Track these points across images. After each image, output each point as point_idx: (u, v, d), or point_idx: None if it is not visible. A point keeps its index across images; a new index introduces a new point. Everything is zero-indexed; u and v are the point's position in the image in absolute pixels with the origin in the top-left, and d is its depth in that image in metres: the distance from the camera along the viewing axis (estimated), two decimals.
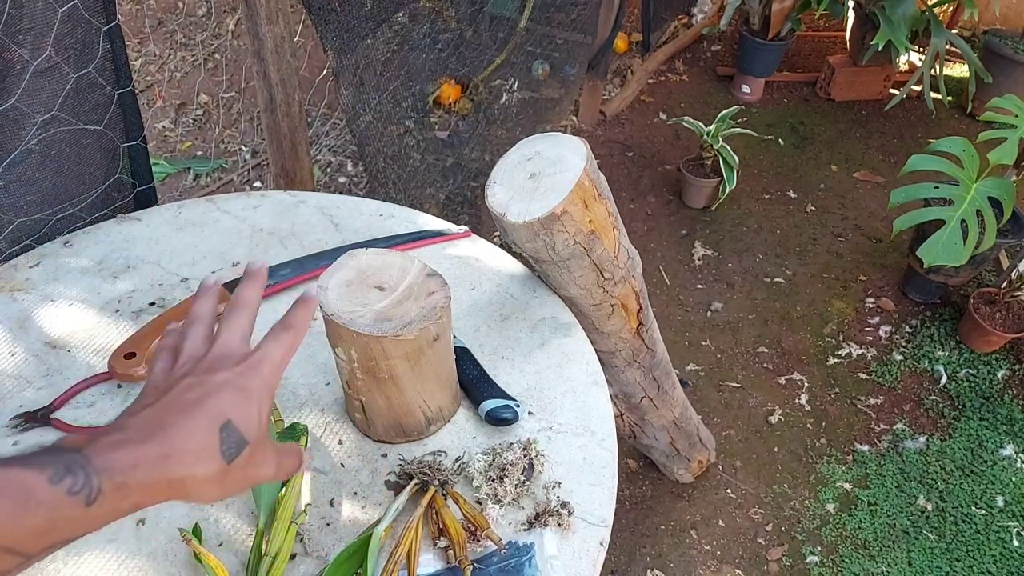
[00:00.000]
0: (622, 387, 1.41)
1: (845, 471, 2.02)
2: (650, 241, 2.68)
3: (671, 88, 3.44)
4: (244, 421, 0.52)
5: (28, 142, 1.04)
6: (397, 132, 2.49)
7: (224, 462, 0.50)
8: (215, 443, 0.50)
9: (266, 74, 1.49)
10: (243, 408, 0.52)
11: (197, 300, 0.63)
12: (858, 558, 1.84)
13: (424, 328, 0.75)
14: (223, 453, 0.50)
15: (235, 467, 0.51)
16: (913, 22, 2.80)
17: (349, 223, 1.18)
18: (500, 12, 2.55)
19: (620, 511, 1.91)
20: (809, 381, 2.25)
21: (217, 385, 0.53)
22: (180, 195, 2.62)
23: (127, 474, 0.47)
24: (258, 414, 0.53)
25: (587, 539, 0.80)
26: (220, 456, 0.50)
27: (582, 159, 0.93)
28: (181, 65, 3.20)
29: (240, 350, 0.57)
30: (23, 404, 0.90)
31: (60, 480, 0.45)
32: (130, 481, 0.47)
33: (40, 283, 1.05)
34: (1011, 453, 2.06)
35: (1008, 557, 1.85)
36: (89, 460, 0.46)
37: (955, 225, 2.00)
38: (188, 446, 0.49)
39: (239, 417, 0.52)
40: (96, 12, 1.04)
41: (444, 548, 0.78)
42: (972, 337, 2.31)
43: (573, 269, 1.01)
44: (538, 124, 2.72)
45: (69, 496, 0.45)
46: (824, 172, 3.03)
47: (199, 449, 0.49)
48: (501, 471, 0.83)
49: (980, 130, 2.11)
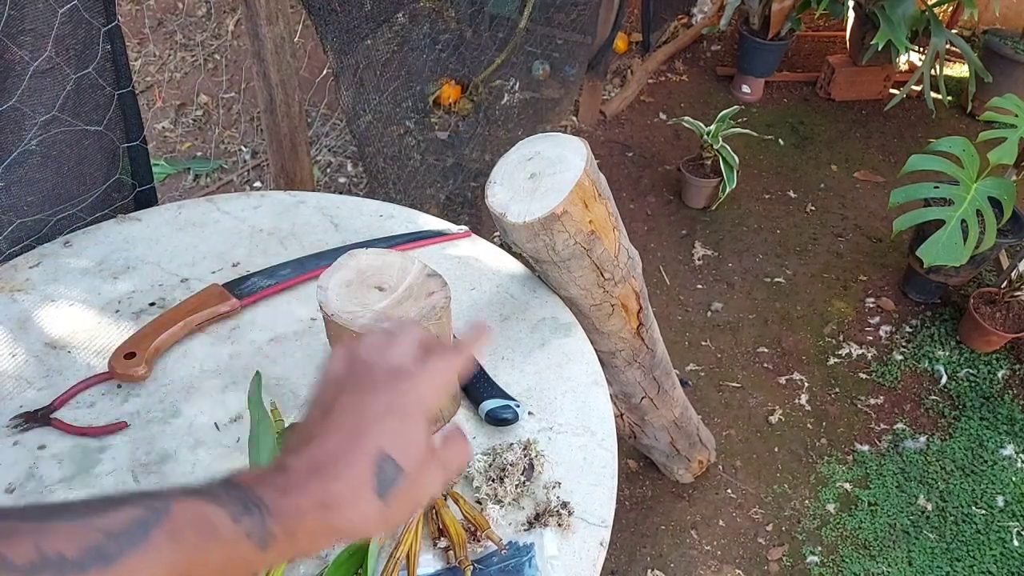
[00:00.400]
0: (622, 387, 1.41)
1: (845, 471, 2.02)
2: (650, 241, 2.68)
3: (671, 88, 3.44)
4: (402, 450, 0.49)
5: (28, 143, 1.04)
6: (397, 132, 2.49)
7: (379, 499, 0.48)
8: (371, 482, 0.48)
9: (266, 74, 1.49)
10: (401, 436, 0.50)
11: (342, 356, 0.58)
12: (858, 558, 1.84)
13: (424, 328, 0.75)
14: (376, 490, 0.48)
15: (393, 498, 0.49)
16: (913, 22, 2.80)
17: (349, 223, 1.18)
18: (500, 12, 2.55)
19: (620, 511, 1.91)
20: (809, 381, 2.25)
21: (374, 414, 0.50)
22: (180, 195, 2.62)
23: (294, 520, 0.45)
24: (416, 436, 0.50)
25: (587, 539, 0.80)
26: (375, 496, 0.48)
27: (582, 159, 0.93)
28: (181, 65, 3.20)
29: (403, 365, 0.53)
30: (23, 404, 0.90)
31: (239, 520, 0.43)
32: (297, 527, 0.45)
33: (40, 283, 1.05)
34: (1011, 453, 2.06)
35: (1008, 557, 1.85)
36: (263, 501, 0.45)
37: (955, 225, 2.00)
38: (344, 490, 0.47)
39: (397, 447, 0.49)
40: (96, 13, 1.04)
41: (444, 548, 0.78)
42: (972, 337, 2.31)
43: (573, 269, 1.01)
44: (538, 124, 2.72)
45: (248, 538, 0.43)
46: (824, 172, 3.03)
47: (353, 492, 0.47)
48: (501, 471, 0.83)
49: (980, 130, 2.11)
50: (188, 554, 0.41)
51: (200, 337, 0.99)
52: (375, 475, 0.48)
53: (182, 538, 0.41)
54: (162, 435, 0.88)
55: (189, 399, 0.92)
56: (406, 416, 0.50)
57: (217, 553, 0.42)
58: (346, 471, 0.47)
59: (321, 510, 0.46)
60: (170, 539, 0.41)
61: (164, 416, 0.90)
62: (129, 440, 0.87)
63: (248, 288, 1.04)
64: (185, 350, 0.97)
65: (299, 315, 1.03)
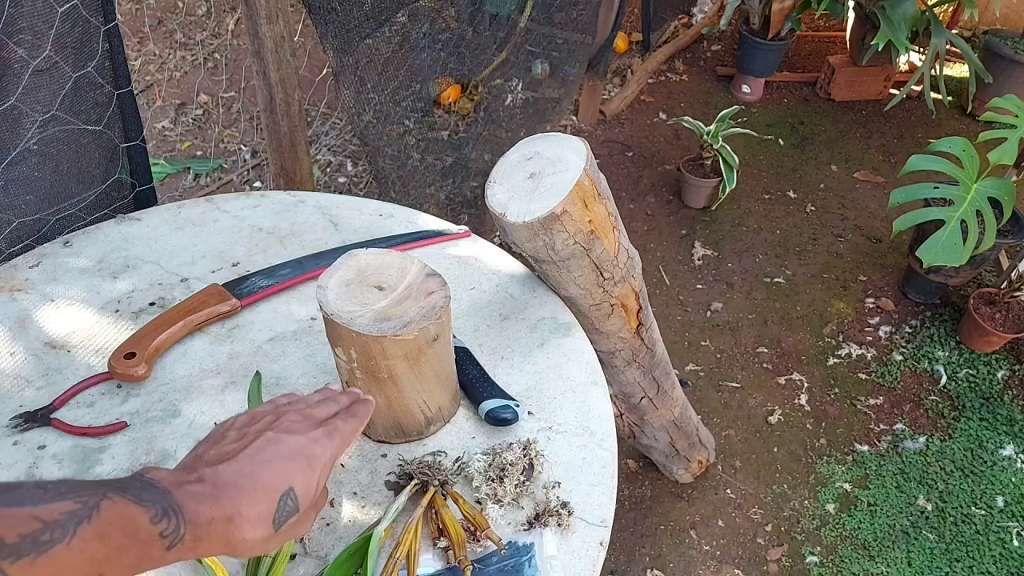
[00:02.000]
0: (622, 387, 1.40)
1: (845, 471, 2.02)
2: (650, 241, 2.68)
3: (671, 88, 3.44)
4: (303, 489, 0.55)
5: (27, 142, 1.04)
6: (397, 132, 2.49)
7: (272, 529, 0.53)
8: (272, 511, 0.53)
9: (266, 74, 1.49)
10: (307, 477, 0.56)
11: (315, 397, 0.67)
12: (858, 558, 1.84)
13: (423, 328, 0.75)
14: (274, 521, 0.53)
15: (282, 531, 0.54)
16: (913, 22, 2.80)
17: (349, 223, 1.18)
18: (500, 12, 2.55)
19: (620, 511, 1.91)
20: (809, 381, 2.25)
21: (291, 450, 0.56)
22: (180, 195, 2.62)
23: (202, 528, 0.49)
24: (316, 485, 0.57)
25: (587, 539, 0.80)
26: (271, 524, 0.53)
27: (582, 159, 0.93)
28: (181, 65, 3.20)
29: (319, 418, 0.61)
30: (23, 404, 0.89)
31: (158, 521, 0.46)
32: (203, 535, 0.49)
33: (40, 283, 1.05)
34: (1011, 453, 2.06)
35: (1008, 557, 1.85)
36: (181, 507, 0.48)
37: (955, 225, 2.00)
38: (251, 513, 0.51)
39: (300, 485, 0.55)
40: (95, 11, 1.04)
41: (444, 548, 0.78)
42: (972, 337, 2.31)
43: (573, 269, 1.01)
44: (538, 124, 2.72)
45: (160, 538, 0.46)
46: (824, 172, 3.03)
47: (258, 517, 0.52)
48: (501, 471, 0.83)
49: (980, 130, 2.11)
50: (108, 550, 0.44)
51: (200, 337, 0.99)
52: (278, 506, 0.53)
53: (106, 535, 0.44)
54: (162, 435, 0.88)
55: (189, 399, 0.92)
56: (315, 463, 0.57)
57: (132, 551, 0.46)
58: (257, 497, 0.53)
59: (225, 524, 0.50)
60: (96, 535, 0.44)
61: (164, 416, 0.90)
62: (129, 440, 0.87)
63: (248, 288, 1.04)
64: (185, 350, 0.97)
65: (299, 315, 1.03)
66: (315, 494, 0.57)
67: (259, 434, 0.56)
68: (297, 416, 0.60)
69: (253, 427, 0.58)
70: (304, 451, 0.56)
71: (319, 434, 0.58)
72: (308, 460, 0.56)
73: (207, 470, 0.52)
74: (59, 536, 0.42)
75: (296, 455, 0.55)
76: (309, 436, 0.57)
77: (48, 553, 0.42)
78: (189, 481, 0.51)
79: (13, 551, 0.41)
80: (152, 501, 0.47)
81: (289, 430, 0.57)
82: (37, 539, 0.42)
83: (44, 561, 0.42)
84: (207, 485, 0.51)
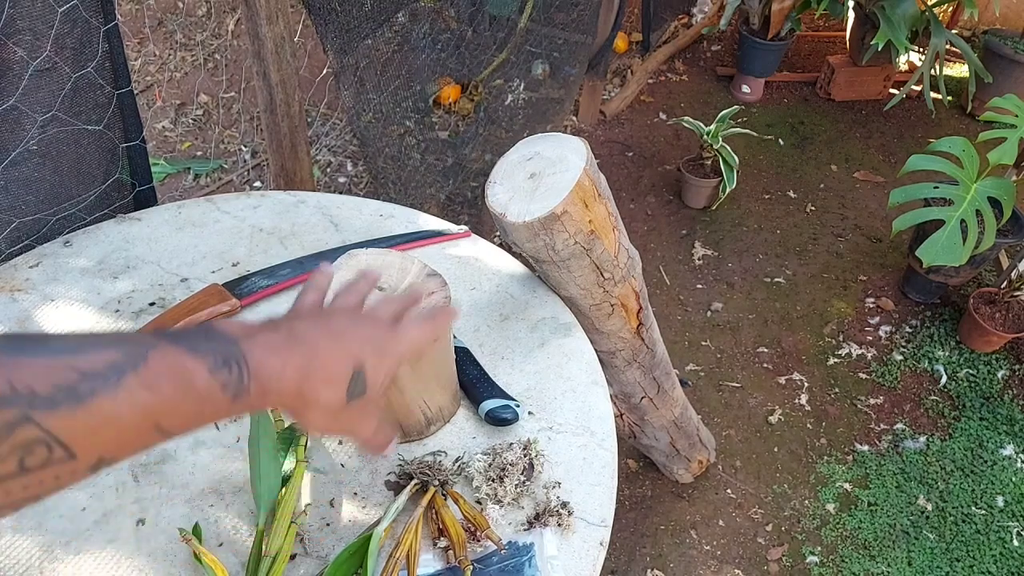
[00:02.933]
0: (622, 387, 1.41)
1: (845, 471, 2.02)
2: (650, 241, 2.68)
3: (671, 88, 3.44)
4: (372, 374, 0.55)
5: (28, 142, 1.04)
6: (397, 132, 2.49)
7: (346, 398, 0.52)
8: (346, 378, 0.52)
9: (266, 74, 1.49)
10: (376, 364, 0.55)
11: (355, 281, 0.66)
12: (858, 558, 1.84)
13: None
14: (349, 390, 0.52)
15: (350, 408, 0.53)
16: (913, 22, 2.80)
17: (349, 223, 1.18)
18: (500, 12, 2.55)
19: (620, 511, 1.91)
20: (809, 381, 2.25)
21: (362, 336, 0.55)
22: (180, 195, 2.62)
23: (273, 380, 0.48)
24: (384, 375, 0.56)
25: (587, 539, 0.80)
26: (345, 391, 0.52)
27: (582, 159, 0.93)
28: (181, 65, 3.20)
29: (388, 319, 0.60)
30: None
31: (218, 371, 0.45)
32: (272, 386, 0.48)
33: (40, 283, 1.05)
34: (1011, 453, 2.06)
35: (1008, 557, 1.85)
36: (245, 357, 0.47)
37: (955, 225, 2.00)
38: (327, 370, 0.51)
39: (371, 368, 0.54)
40: (94, 12, 1.04)
41: (444, 548, 0.78)
42: (972, 337, 2.31)
43: (573, 269, 1.01)
44: (538, 124, 2.72)
45: (222, 390, 0.45)
46: (824, 172, 3.03)
47: (332, 376, 0.51)
48: (501, 471, 0.83)
49: (980, 130, 2.11)
50: (160, 401, 0.43)
51: None
52: (352, 376, 0.53)
53: (156, 386, 0.42)
54: None
55: None
56: (384, 352, 0.56)
57: (189, 402, 0.44)
58: (336, 351, 0.52)
59: (300, 378, 0.49)
60: (144, 386, 0.42)
61: None
62: None
63: (248, 288, 1.04)
64: None
65: None
66: (380, 387, 0.56)
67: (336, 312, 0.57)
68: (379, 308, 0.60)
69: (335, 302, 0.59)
70: (378, 339, 0.56)
71: (390, 333, 0.58)
72: (379, 349, 0.56)
73: (285, 323, 0.52)
74: (100, 386, 0.40)
75: (368, 341, 0.55)
76: (385, 328, 0.57)
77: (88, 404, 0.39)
78: (263, 331, 0.49)
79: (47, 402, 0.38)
80: (212, 351, 0.45)
81: (362, 321, 0.57)
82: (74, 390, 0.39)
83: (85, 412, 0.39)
84: (282, 335, 0.50)
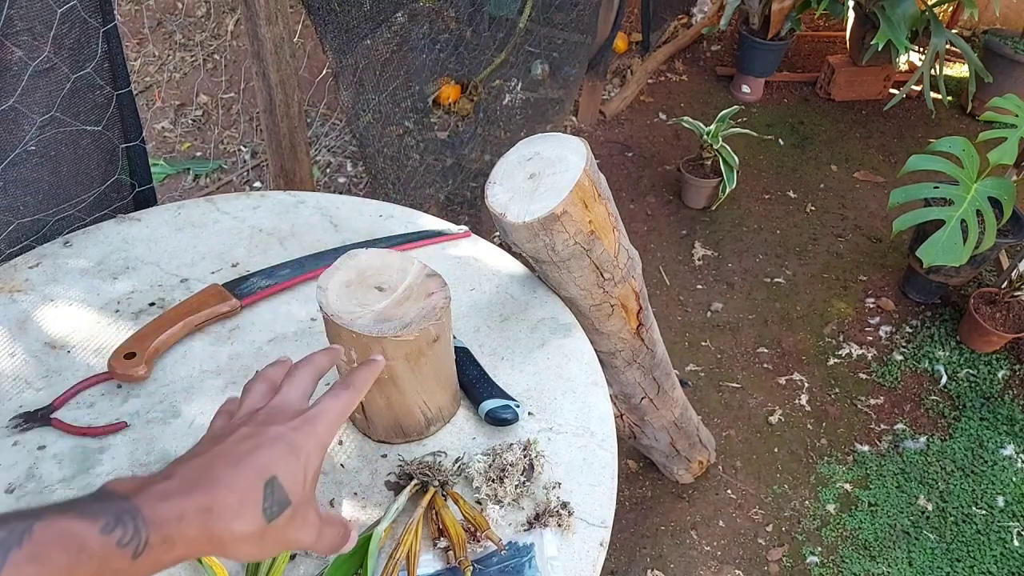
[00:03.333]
0: (622, 387, 1.40)
1: (845, 471, 2.02)
2: (650, 241, 2.68)
3: (671, 88, 3.44)
4: (290, 479, 0.51)
5: (27, 143, 1.04)
6: (397, 133, 2.48)
7: (264, 520, 0.49)
8: (258, 498, 0.49)
9: (265, 75, 1.49)
10: (291, 465, 0.51)
11: (269, 366, 0.63)
12: (858, 558, 1.84)
13: (424, 329, 0.75)
14: (264, 511, 0.49)
15: (275, 527, 0.50)
16: (913, 22, 2.80)
17: (349, 223, 1.18)
18: (500, 13, 2.55)
19: (620, 512, 1.91)
20: (809, 381, 2.25)
21: (269, 439, 0.52)
22: (179, 196, 2.62)
23: (173, 527, 0.46)
24: (304, 474, 0.52)
25: (587, 540, 0.80)
26: (261, 513, 0.49)
27: (582, 159, 0.93)
28: (180, 66, 3.20)
29: (298, 405, 0.57)
30: (23, 404, 0.89)
31: (111, 531, 0.44)
32: (175, 534, 0.46)
33: (40, 284, 1.05)
34: (1011, 453, 2.06)
35: (1009, 557, 1.85)
36: (139, 510, 0.45)
37: (955, 225, 2.00)
38: (230, 499, 0.48)
39: (285, 474, 0.51)
40: (93, 12, 1.04)
41: (444, 549, 0.78)
42: (972, 337, 2.31)
43: (573, 269, 1.01)
44: (538, 124, 2.72)
45: (119, 548, 0.44)
46: (824, 172, 3.03)
47: (241, 504, 0.48)
48: (501, 471, 0.83)
49: (980, 130, 2.11)
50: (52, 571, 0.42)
51: (200, 337, 0.99)
52: (264, 493, 0.49)
53: (45, 557, 0.41)
54: (162, 435, 0.88)
55: (189, 399, 0.92)
56: (298, 448, 0.53)
57: (85, 566, 0.43)
58: (237, 477, 0.49)
59: (204, 515, 0.47)
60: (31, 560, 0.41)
61: (164, 416, 0.90)
62: (129, 440, 0.87)
63: (248, 288, 1.04)
64: (185, 350, 0.97)
65: (299, 315, 1.03)
66: (304, 486, 0.52)
67: (234, 429, 0.53)
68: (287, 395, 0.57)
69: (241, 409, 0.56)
70: (284, 438, 0.52)
71: (300, 421, 0.54)
72: (290, 447, 0.52)
73: (178, 467, 0.50)
74: None
75: (275, 443, 0.52)
76: (288, 425, 0.54)
77: None
78: (156, 481, 0.48)
79: None
80: (103, 511, 0.44)
81: (266, 422, 0.54)
82: None
83: None
84: (175, 481, 0.48)
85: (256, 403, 0.58)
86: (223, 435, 0.53)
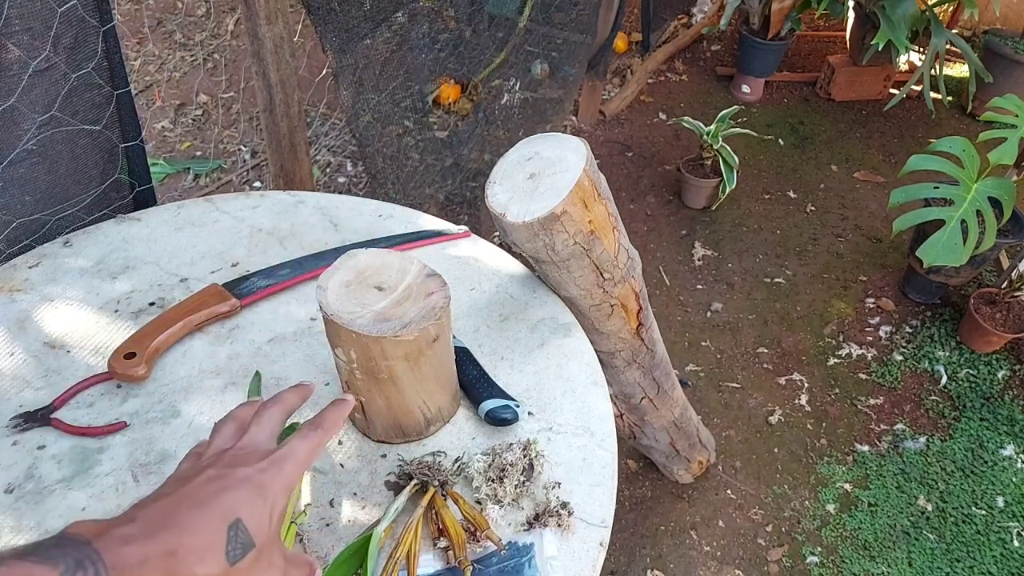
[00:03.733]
0: (622, 387, 1.40)
1: (845, 471, 2.02)
2: (650, 241, 2.68)
3: (671, 88, 3.44)
4: (255, 522, 0.51)
5: (26, 143, 1.04)
6: (396, 132, 2.48)
7: (228, 563, 0.49)
8: (221, 542, 0.49)
9: (265, 74, 1.49)
10: (257, 508, 0.51)
11: (240, 405, 0.63)
12: (858, 559, 1.84)
13: (423, 328, 0.75)
14: (228, 554, 0.49)
15: (238, 570, 0.50)
16: (913, 22, 2.80)
17: (348, 223, 1.18)
18: (499, 12, 2.55)
19: (620, 512, 1.91)
20: (809, 381, 2.25)
21: (235, 480, 0.52)
22: (179, 195, 2.62)
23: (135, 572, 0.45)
24: (270, 515, 0.52)
25: (587, 540, 0.80)
26: (224, 557, 0.49)
27: (582, 159, 0.93)
28: (180, 65, 3.20)
29: (265, 446, 0.57)
30: (23, 404, 0.89)
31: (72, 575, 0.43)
32: None
33: (39, 283, 1.05)
34: (1011, 453, 2.06)
35: (1008, 557, 1.85)
36: (100, 555, 0.45)
37: (955, 225, 2.00)
38: (194, 543, 0.48)
39: (251, 516, 0.51)
40: (92, 12, 1.04)
41: (444, 548, 0.78)
42: (972, 337, 2.31)
43: (573, 269, 1.01)
44: (538, 124, 2.72)
45: None
46: (824, 172, 3.03)
47: (204, 547, 0.48)
48: (501, 471, 0.83)
49: (980, 130, 2.11)
50: None
51: (199, 337, 0.99)
52: (228, 536, 0.49)
53: None
54: (162, 435, 0.88)
55: (188, 399, 0.92)
56: (264, 490, 0.52)
57: None
58: (200, 520, 0.48)
59: (167, 560, 0.46)
60: None
61: (164, 416, 0.90)
62: (129, 440, 0.87)
63: (247, 288, 1.03)
64: (185, 350, 0.97)
65: (298, 315, 1.03)
66: (270, 528, 0.52)
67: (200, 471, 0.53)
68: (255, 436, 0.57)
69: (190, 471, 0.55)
70: (250, 480, 0.52)
71: (267, 463, 0.54)
72: (256, 489, 0.52)
73: (141, 510, 0.49)
74: None
75: (241, 485, 0.51)
76: (255, 466, 0.53)
77: None
78: (118, 525, 0.47)
79: None
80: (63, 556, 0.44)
81: (232, 463, 0.53)
82: None
83: None
84: (138, 524, 0.47)
85: (224, 443, 0.57)
86: (189, 477, 0.53)
